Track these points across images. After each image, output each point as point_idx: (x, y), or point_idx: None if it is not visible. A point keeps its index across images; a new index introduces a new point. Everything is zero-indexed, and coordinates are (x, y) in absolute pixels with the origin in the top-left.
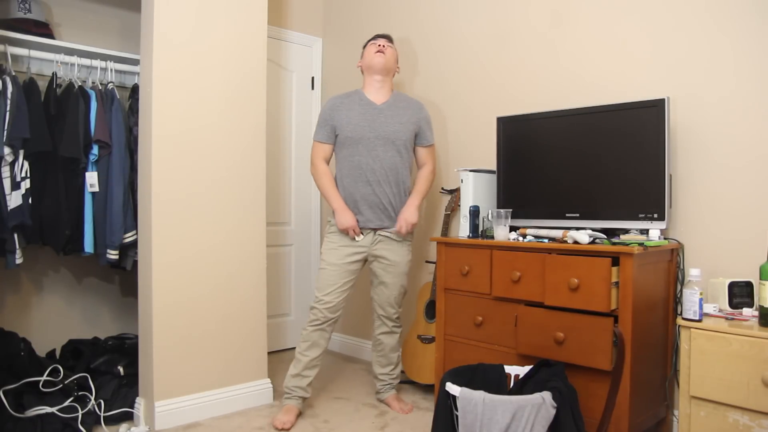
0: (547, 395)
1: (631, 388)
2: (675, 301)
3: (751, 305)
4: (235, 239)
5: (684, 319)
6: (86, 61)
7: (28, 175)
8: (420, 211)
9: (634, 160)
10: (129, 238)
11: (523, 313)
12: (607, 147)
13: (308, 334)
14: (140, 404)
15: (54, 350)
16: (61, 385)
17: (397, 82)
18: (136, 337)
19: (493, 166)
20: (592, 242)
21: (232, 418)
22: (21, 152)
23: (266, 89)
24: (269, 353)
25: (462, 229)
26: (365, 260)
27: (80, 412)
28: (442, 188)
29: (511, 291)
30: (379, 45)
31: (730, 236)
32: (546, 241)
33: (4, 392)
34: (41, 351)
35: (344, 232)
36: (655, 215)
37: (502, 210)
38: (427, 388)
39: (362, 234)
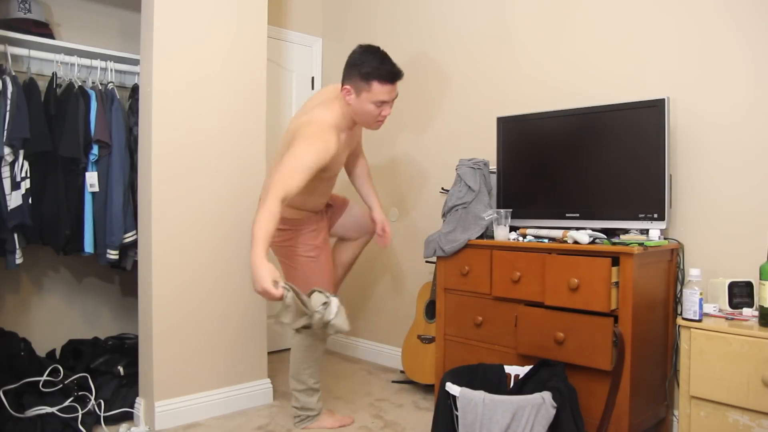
0: (547, 395)
1: (631, 388)
2: (675, 301)
3: (751, 305)
4: (235, 239)
5: (684, 319)
6: (86, 61)
7: (28, 175)
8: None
9: (634, 160)
10: (129, 238)
11: (523, 313)
12: (607, 147)
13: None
14: (140, 404)
15: (54, 350)
16: (61, 385)
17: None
18: (136, 337)
19: (493, 166)
20: (592, 242)
21: (232, 418)
22: (21, 152)
23: (266, 89)
24: (269, 353)
25: None
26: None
27: (80, 412)
28: (442, 188)
29: (511, 291)
30: (384, 115)
31: (730, 236)
32: (546, 241)
33: (4, 392)
34: (41, 351)
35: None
36: (655, 215)
37: (502, 210)
38: (427, 388)
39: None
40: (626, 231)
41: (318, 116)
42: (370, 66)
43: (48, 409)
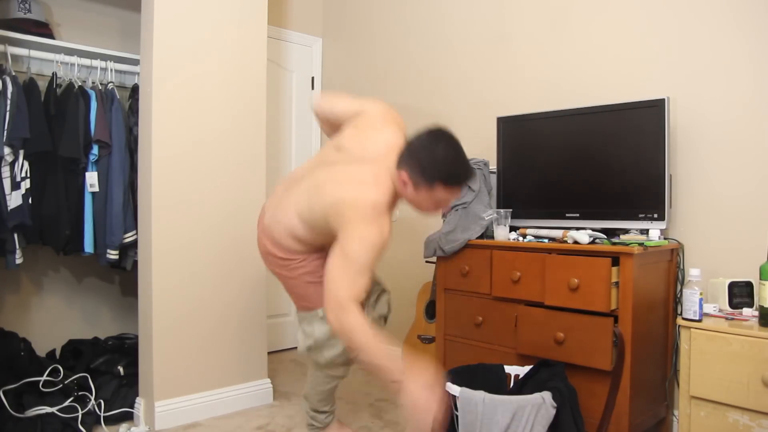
0: (547, 395)
1: (631, 388)
2: (675, 301)
3: (751, 305)
4: (235, 239)
5: (684, 319)
6: (86, 61)
7: (28, 175)
8: None
9: (634, 160)
10: (129, 238)
11: (523, 313)
12: (607, 147)
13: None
14: (140, 404)
15: (54, 350)
16: (61, 385)
17: (397, 82)
18: (136, 337)
19: (493, 166)
20: (592, 242)
21: (232, 418)
22: (21, 152)
23: (266, 89)
24: (269, 353)
25: None
26: None
27: (80, 412)
28: None
29: (511, 291)
30: (443, 208)
31: (730, 236)
32: (546, 241)
33: (4, 392)
34: (41, 351)
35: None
36: (655, 215)
37: (502, 210)
38: None
39: None
40: (626, 231)
41: (367, 197)
42: (440, 168)
43: (48, 409)
